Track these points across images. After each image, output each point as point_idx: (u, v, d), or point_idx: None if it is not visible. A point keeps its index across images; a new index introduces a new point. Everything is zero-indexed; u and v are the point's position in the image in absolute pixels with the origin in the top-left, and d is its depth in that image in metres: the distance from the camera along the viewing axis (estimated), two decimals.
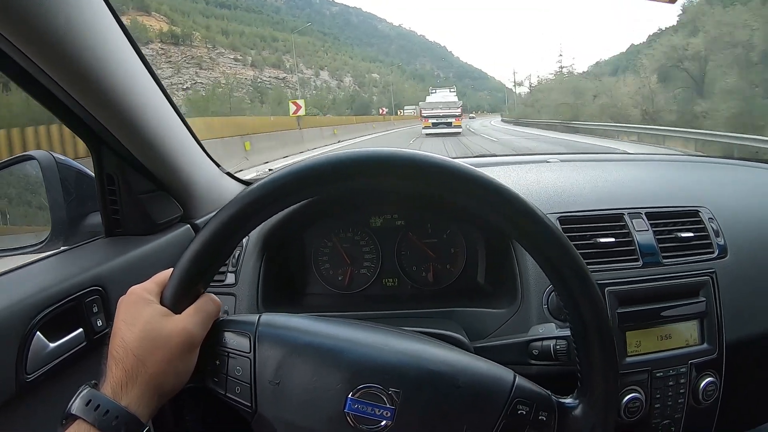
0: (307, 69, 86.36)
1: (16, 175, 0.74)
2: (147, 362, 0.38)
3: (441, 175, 0.39)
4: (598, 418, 0.41)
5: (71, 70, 0.53)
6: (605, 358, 0.40)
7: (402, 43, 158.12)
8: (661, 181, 0.89)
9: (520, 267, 0.68)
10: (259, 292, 0.69)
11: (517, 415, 0.39)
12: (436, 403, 0.39)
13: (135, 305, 0.40)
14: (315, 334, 0.42)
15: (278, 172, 0.40)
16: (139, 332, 0.39)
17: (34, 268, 0.62)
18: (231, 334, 0.42)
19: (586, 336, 0.40)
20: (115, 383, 0.37)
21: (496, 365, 0.43)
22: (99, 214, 0.71)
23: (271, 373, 0.40)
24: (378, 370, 0.40)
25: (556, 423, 0.40)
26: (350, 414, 0.39)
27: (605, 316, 0.41)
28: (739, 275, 0.72)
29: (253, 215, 0.40)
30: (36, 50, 0.49)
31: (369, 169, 0.40)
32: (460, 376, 0.40)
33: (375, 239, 0.81)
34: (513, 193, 0.39)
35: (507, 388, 0.40)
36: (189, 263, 0.40)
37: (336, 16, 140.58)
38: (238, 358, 0.41)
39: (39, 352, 0.54)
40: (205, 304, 0.42)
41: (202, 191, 0.78)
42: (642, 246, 0.70)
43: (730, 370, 0.69)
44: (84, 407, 0.36)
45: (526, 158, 1.10)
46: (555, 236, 0.40)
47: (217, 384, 0.41)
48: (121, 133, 0.62)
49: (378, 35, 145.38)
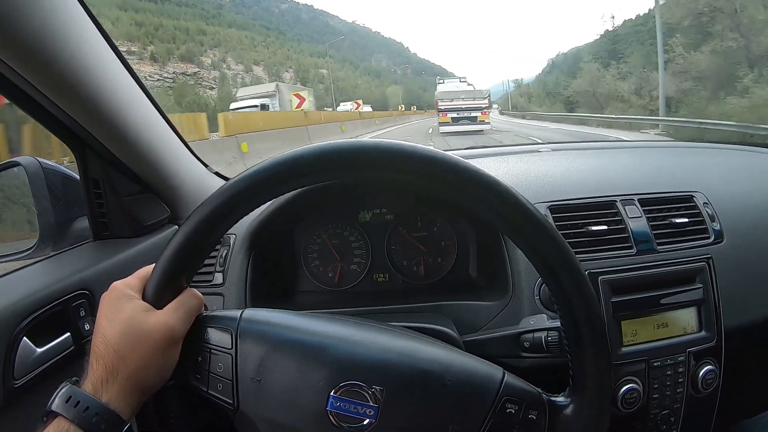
0: (237, 64, 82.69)
1: (2, 182, 0.73)
2: (127, 358, 0.37)
3: (427, 167, 0.39)
4: (591, 418, 0.39)
5: (49, 74, 0.52)
6: (597, 354, 0.39)
7: (355, 40, 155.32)
8: (654, 167, 0.87)
9: (511, 258, 0.67)
10: (247, 291, 0.68)
11: (505, 414, 0.38)
12: (422, 402, 0.38)
13: (117, 301, 0.40)
14: (298, 330, 0.41)
15: (259, 165, 0.40)
16: (120, 328, 0.38)
17: (21, 274, 0.62)
18: (213, 329, 0.41)
19: (577, 331, 0.39)
20: (95, 379, 0.37)
21: (484, 362, 0.42)
22: (86, 218, 0.71)
23: (253, 369, 0.39)
24: (361, 368, 0.39)
25: (547, 422, 0.39)
26: (332, 412, 0.38)
27: (596, 310, 0.40)
28: (736, 260, 0.70)
29: (234, 208, 0.40)
30: (12, 54, 0.48)
31: (358, 161, 0.39)
32: (446, 374, 0.39)
33: (364, 234, 0.80)
34: (499, 183, 0.39)
35: (495, 385, 0.39)
36: (171, 257, 0.40)
37: (285, 13, 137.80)
38: (220, 355, 0.40)
39: (26, 358, 0.54)
40: (187, 299, 0.42)
41: (190, 192, 0.78)
42: (635, 233, 0.68)
43: (730, 358, 0.67)
44: (64, 404, 0.36)
45: (516, 148, 1.09)
46: (542, 226, 0.39)
47: (200, 381, 0.41)
48: (103, 135, 0.62)
49: (330, 32, 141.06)
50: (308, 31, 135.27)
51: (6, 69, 0.50)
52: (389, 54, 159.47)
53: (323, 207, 0.79)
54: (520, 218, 0.38)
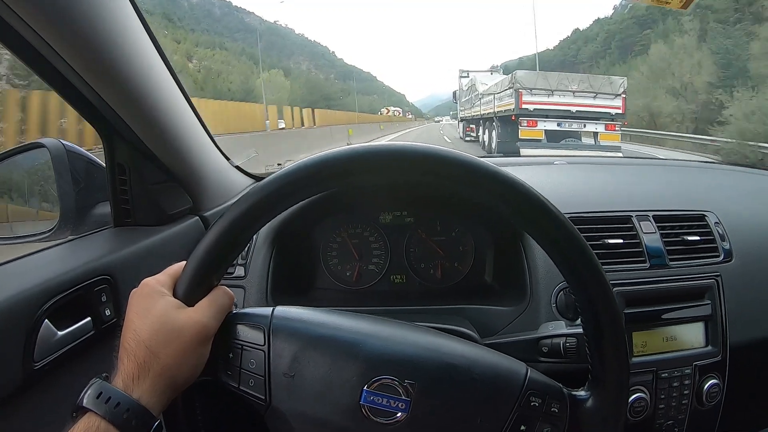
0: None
1: (25, 163, 0.73)
2: (160, 354, 0.38)
3: (462, 171, 0.39)
4: (610, 410, 0.41)
5: (89, 57, 0.52)
6: (617, 351, 0.40)
7: (273, 39, 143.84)
8: (668, 185, 0.90)
9: (530, 266, 0.68)
10: (268, 285, 0.69)
11: (530, 407, 0.40)
12: (451, 395, 0.39)
13: (148, 297, 0.40)
14: (330, 327, 0.42)
15: (292, 166, 0.40)
16: (152, 324, 0.38)
17: (43, 257, 0.61)
18: (245, 326, 0.42)
19: (599, 329, 0.40)
20: (126, 375, 0.37)
21: (509, 358, 0.44)
22: (107, 204, 0.71)
23: (286, 365, 0.40)
24: (393, 363, 0.40)
25: (568, 415, 0.40)
26: (365, 406, 0.39)
27: (618, 311, 0.41)
28: (744, 279, 0.73)
29: (269, 208, 0.40)
30: (56, 36, 0.49)
31: (390, 164, 0.40)
32: (474, 369, 0.40)
33: (384, 235, 0.81)
34: (534, 192, 0.40)
35: (520, 380, 0.41)
36: (203, 255, 0.40)
37: (195, 7, 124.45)
38: (252, 351, 0.41)
39: (47, 340, 0.54)
40: (218, 296, 0.42)
41: (212, 184, 0.78)
42: (649, 248, 0.70)
43: (734, 373, 0.69)
44: (95, 399, 0.36)
45: (531, 159, 1.12)
46: (574, 237, 0.40)
47: (230, 377, 0.41)
48: (134, 121, 0.62)
49: (245, 29, 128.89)
50: (218, 27, 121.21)
51: (47, 50, 0.50)
52: (310, 56, 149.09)
53: (345, 207, 0.80)
54: (552, 225, 0.40)
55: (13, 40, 0.49)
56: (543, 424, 0.40)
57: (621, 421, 0.41)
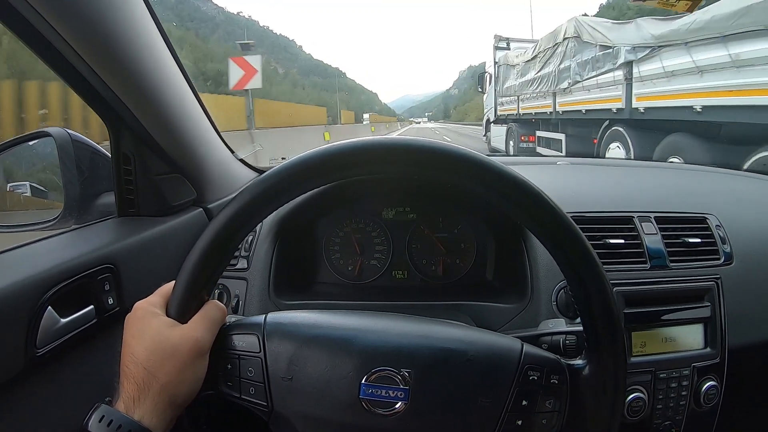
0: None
1: (31, 152, 0.73)
2: (157, 374, 0.38)
3: (466, 167, 0.39)
4: (609, 375, 0.41)
5: (98, 45, 0.53)
6: (607, 313, 0.40)
7: (231, 29, 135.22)
8: (670, 188, 0.90)
9: (531, 264, 0.69)
10: (270, 277, 0.69)
11: (529, 381, 0.40)
12: (449, 379, 0.40)
13: (141, 319, 0.41)
14: (322, 326, 0.43)
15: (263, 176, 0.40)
16: (147, 345, 0.39)
17: (47, 244, 0.62)
18: (239, 336, 0.42)
19: (587, 292, 0.40)
20: (127, 398, 0.38)
21: (503, 336, 0.44)
22: (111, 194, 0.71)
23: (284, 369, 0.40)
24: (388, 353, 0.40)
25: (569, 384, 0.41)
26: (365, 399, 0.39)
27: (605, 275, 0.40)
28: (743, 283, 0.73)
29: (244, 223, 0.40)
30: (65, 24, 0.49)
31: (391, 158, 0.40)
32: (469, 350, 0.41)
33: (386, 231, 0.81)
34: (538, 191, 0.40)
35: (516, 355, 0.41)
36: (190, 272, 0.41)
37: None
38: (249, 359, 0.41)
39: (50, 327, 0.54)
40: (210, 310, 0.42)
41: (216, 176, 0.78)
42: (650, 249, 0.71)
43: (732, 376, 0.70)
44: (98, 423, 0.36)
45: (534, 159, 1.12)
46: (575, 234, 0.40)
47: (231, 388, 0.41)
48: (141, 112, 0.62)
49: (199, 18, 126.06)
50: (169, 16, 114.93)
51: (56, 37, 0.50)
52: (270, 49, 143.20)
53: (348, 202, 0.80)
54: (553, 222, 0.40)
55: (22, 27, 0.49)
56: (545, 397, 0.40)
57: (621, 386, 0.41)
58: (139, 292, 0.62)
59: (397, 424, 0.39)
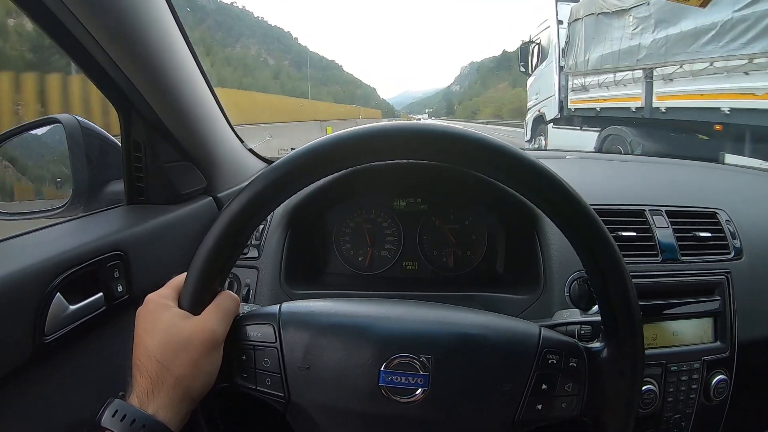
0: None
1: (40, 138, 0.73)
2: (171, 366, 0.37)
3: (485, 154, 0.39)
4: (627, 358, 0.41)
5: (112, 28, 0.52)
6: (625, 297, 0.40)
7: (221, 19, 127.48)
8: (680, 182, 0.90)
9: (544, 255, 0.68)
10: (282, 267, 0.69)
11: (548, 365, 0.40)
12: (469, 364, 0.39)
13: (153, 312, 0.40)
14: (339, 315, 0.42)
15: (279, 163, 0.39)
16: (160, 338, 0.38)
17: (56, 231, 0.61)
18: (254, 327, 0.42)
19: (602, 275, 0.40)
20: (141, 392, 0.37)
21: (521, 320, 0.44)
22: (120, 182, 0.70)
23: (300, 359, 0.40)
24: (407, 340, 0.40)
25: (587, 367, 0.40)
26: (384, 387, 0.39)
27: (621, 257, 0.40)
28: (753, 277, 0.73)
29: (255, 213, 0.40)
30: (79, 5, 0.48)
31: (408, 144, 0.39)
32: (489, 335, 0.41)
33: (397, 222, 0.81)
34: (563, 182, 0.39)
35: (534, 339, 0.41)
36: (203, 262, 0.40)
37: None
38: (265, 350, 0.40)
39: (58, 314, 0.53)
40: (223, 301, 0.42)
41: (227, 165, 0.78)
42: (662, 242, 0.71)
43: (741, 370, 0.70)
44: (111, 418, 0.36)
45: (543, 153, 1.12)
46: (593, 219, 0.40)
47: (246, 379, 0.41)
48: (152, 98, 0.61)
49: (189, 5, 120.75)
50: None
51: (70, 18, 0.49)
52: (263, 40, 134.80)
53: (359, 192, 0.80)
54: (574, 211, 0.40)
55: (35, 7, 0.48)
56: (564, 380, 0.40)
57: (639, 370, 0.41)
58: (148, 280, 0.61)
59: (417, 411, 0.39)
